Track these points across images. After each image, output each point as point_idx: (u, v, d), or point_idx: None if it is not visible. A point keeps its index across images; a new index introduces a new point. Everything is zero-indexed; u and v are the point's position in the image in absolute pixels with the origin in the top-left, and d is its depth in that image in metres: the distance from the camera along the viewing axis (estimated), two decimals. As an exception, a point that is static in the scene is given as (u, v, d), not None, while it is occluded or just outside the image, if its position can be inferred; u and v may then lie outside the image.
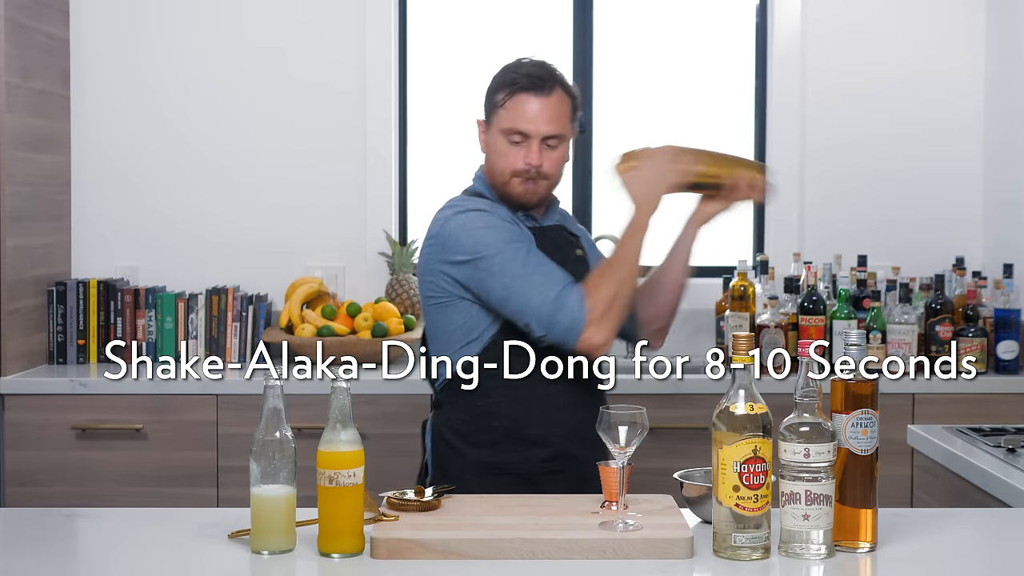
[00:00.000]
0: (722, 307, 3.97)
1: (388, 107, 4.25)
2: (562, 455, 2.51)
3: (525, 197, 2.56)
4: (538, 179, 2.54)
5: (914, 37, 4.29)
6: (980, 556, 2.07)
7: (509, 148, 2.53)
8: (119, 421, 3.65)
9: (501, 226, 2.50)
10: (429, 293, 2.56)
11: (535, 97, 2.52)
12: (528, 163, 2.52)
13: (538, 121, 2.51)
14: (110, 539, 2.06)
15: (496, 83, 2.58)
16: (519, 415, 2.51)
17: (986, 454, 2.62)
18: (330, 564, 1.89)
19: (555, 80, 2.55)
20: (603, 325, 2.39)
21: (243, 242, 4.22)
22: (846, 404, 1.94)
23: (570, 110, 2.57)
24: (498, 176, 2.57)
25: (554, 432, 2.52)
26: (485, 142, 2.61)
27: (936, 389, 3.66)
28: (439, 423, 2.59)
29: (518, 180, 2.54)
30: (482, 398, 2.52)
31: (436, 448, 2.58)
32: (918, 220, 4.28)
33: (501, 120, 2.54)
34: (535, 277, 2.43)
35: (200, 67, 4.23)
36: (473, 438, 2.53)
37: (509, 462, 2.49)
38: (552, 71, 2.56)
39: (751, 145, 4.38)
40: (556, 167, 2.56)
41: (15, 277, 3.76)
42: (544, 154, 2.53)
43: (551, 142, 2.53)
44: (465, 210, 2.53)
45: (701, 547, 1.94)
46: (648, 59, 4.42)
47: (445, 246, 2.51)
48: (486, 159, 2.62)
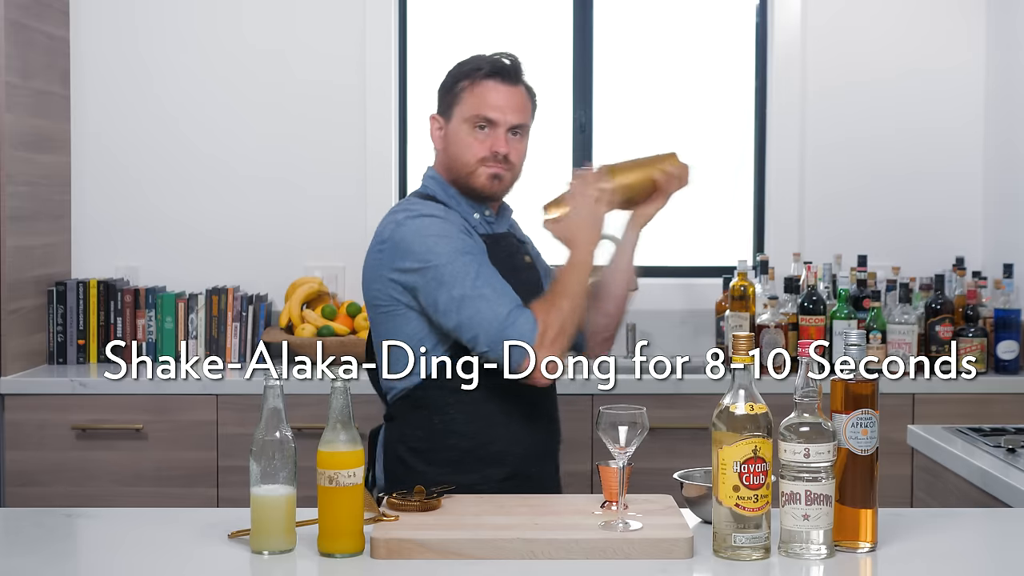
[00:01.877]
0: (722, 307, 3.98)
1: (388, 107, 4.25)
2: (519, 474, 2.45)
3: (489, 189, 2.50)
4: (503, 169, 2.48)
5: (914, 37, 4.29)
6: (980, 556, 2.07)
7: (474, 136, 2.47)
8: (119, 421, 3.65)
9: (455, 235, 2.42)
10: (376, 301, 2.47)
11: (502, 85, 2.47)
12: (495, 150, 2.46)
13: (505, 109, 2.47)
14: (110, 539, 2.05)
15: (456, 74, 2.52)
16: (479, 432, 2.44)
17: (986, 454, 2.62)
18: (330, 564, 1.89)
19: (520, 72, 2.52)
20: (552, 350, 2.32)
21: (243, 242, 4.22)
22: (846, 404, 1.94)
23: (531, 107, 2.54)
24: (461, 167, 2.49)
25: (514, 451, 2.46)
26: (442, 136, 2.53)
27: (936, 389, 3.66)
28: (392, 438, 2.50)
29: (484, 170, 2.47)
30: (439, 414, 2.44)
31: (389, 464, 2.50)
32: (918, 220, 4.28)
33: (465, 108, 2.48)
34: (485, 291, 2.36)
35: (200, 67, 4.23)
36: (430, 456, 2.44)
37: (465, 483, 2.32)
38: (516, 61, 2.52)
39: (751, 145, 4.38)
40: (520, 158, 2.52)
41: (15, 277, 3.76)
42: (510, 143, 2.48)
43: (516, 131, 2.49)
44: (419, 215, 2.44)
45: (701, 547, 1.94)
46: (648, 59, 4.42)
47: (395, 251, 2.42)
48: (444, 153, 2.53)
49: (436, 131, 2.55)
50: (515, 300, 2.37)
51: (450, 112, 2.51)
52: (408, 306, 2.43)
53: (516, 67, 2.51)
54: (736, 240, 4.35)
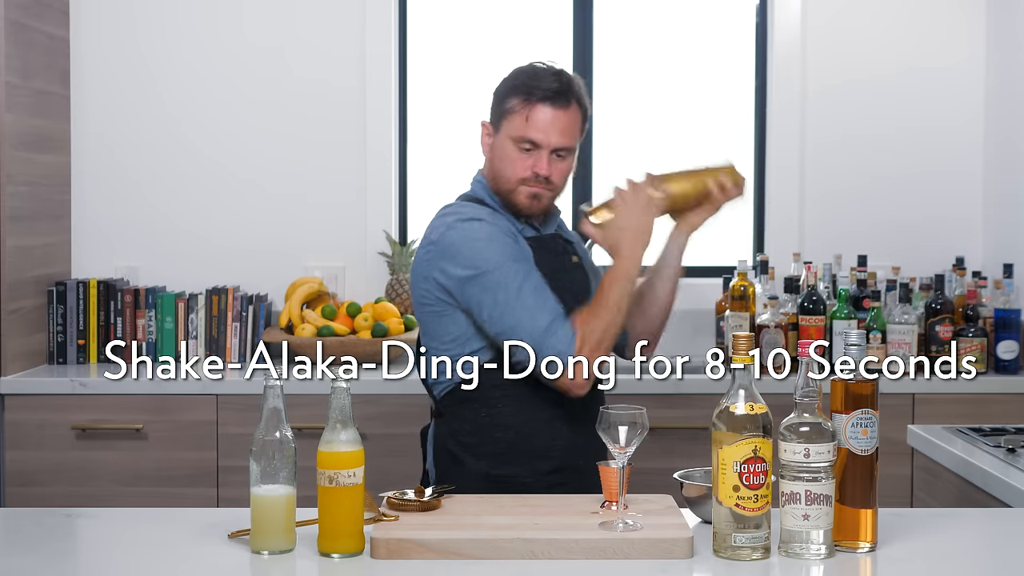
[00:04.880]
0: (722, 307, 3.97)
1: (388, 106, 4.25)
2: (566, 467, 2.48)
3: (529, 207, 2.52)
4: (544, 189, 2.50)
5: (913, 35, 4.29)
6: (980, 556, 2.07)
7: (518, 155, 2.49)
8: (119, 421, 3.65)
9: (502, 240, 2.45)
10: (423, 299, 2.51)
11: (552, 108, 2.47)
12: (536, 171, 2.48)
13: (551, 132, 2.47)
14: (110, 539, 2.06)
15: (509, 88, 2.52)
16: (524, 426, 2.48)
17: (986, 454, 2.62)
18: (330, 564, 1.89)
19: (573, 94, 2.51)
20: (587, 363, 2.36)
21: (243, 242, 4.22)
22: (846, 404, 1.94)
23: (581, 123, 2.54)
24: (503, 183, 2.52)
25: (558, 444, 2.49)
26: (490, 146, 2.56)
27: (936, 389, 3.66)
28: (442, 433, 2.55)
29: (524, 188, 2.50)
30: (486, 408, 2.48)
31: (439, 459, 2.54)
32: (918, 220, 4.28)
33: (512, 127, 2.49)
34: (528, 301, 2.38)
35: (200, 67, 4.23)
36: (478, 449, 2.49)
37: (512, 475, 2.44)
38: (571, 84, 2.51)
39: (751, 145, 4.38)
40: (563, 178, 2.53)
41: (15, 277, 3.76)
42: (552, 164, 2.49)
43: (561, 153, 2.50)
44: (468, 219, 2.48)
45: (701, 547, 1.94)
46: (648, 59, 4.42)
47: (443, 254, 2.46)
48: (490, 163, 2.56)
49: (485, 138, 2.58)
50: (556, 311, 2.40)
51: (499, 124, 2.53)
52: (453, 306, 2.46)
53: (569, 89, 2.50)
54: (736, 240, 4.35)
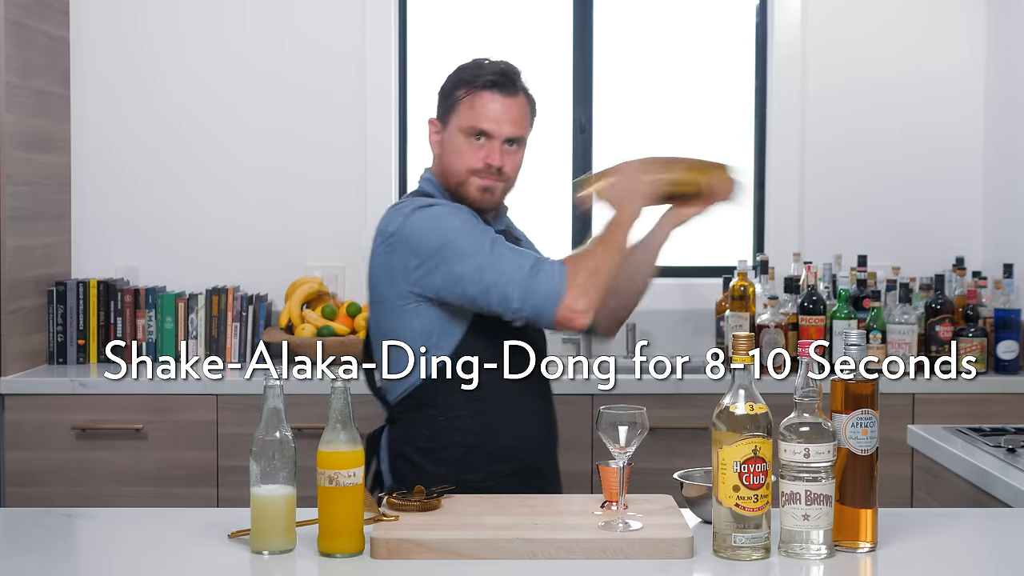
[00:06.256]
0: (722, 307, 3.97)
1: (388, 107, 4.25)
2: (527, 468, 2.46)
3: (481, 200, 2.49)
4: (496, 181, 2.48)
5: (914, 36, 4.29)
6: (980, 556, 2.07)
7: (468, 147, 2.46)
8: (119, 421, 3.65)
9: (464, 215, 2.43)
10: (383, 297, 2.46)
11: (500, 96, 2.46)
12: (489, 162, 2.45)
13: (502, 121, 2.46)
14: (110, 539, 2.06)
15: (455, 80, 2.51)
16: (483, 428, 2.44)
17: (986, 454, 2.62)
18: (330, 564, 1.89)
19: (519, 82, 2.50)
20: (584, 291, 2.32)
21: (243, 242, 4.22)
22: (846, 404, 1.94)
23: (530, 115, 2.52)
24: (454, 176, 2.49)
25: (520, 445, 2.47)
26: (439, 142, 2.53)
27: (936, 389, 3.66)
28: (398, 440, 2.50)
29: (476, 180, 2.47)
30: (444, 412, 2.44)
31: (395, 466, 2.49)
32: (918, 220, 4.28)
33: (462, 118, 2.47)
34: (504, 252, 2.37)
35: (200, 67, 4.23)
36: (437, 455, 2.44)
37: (472, 480, 2.36)
38: (518, 73, 2.51)
39: (751, 145, 4.38)
40: (515, 170, 2.51)
41: (15, 277, 3.76)
42: (504, 155, 2.47)
43: (512, 143, 2.48)
44: (426, 205, 2.45)
45: (701, 547, 1.94)
46: (648, 59, 4.42)
47: (407, 242, 2.41)
48: (439, 159, 2.53)
49: (434, 135, 2.55)
50: (537, 255, 2.41)
51: (447, 119, 2.51)
52: (420, 299, 2.42)
53: (515, 77, 2.50)
54: (736, 240, 4.35)
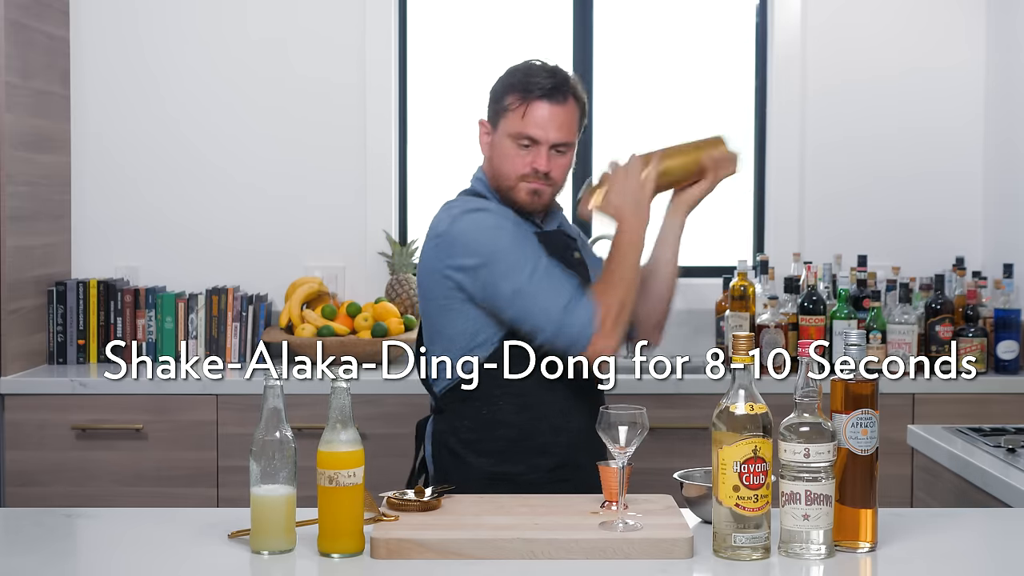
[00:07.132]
0: (722, 307, 3.97)
1: (388, 107, 4.25)
2: (567, 464, 2.49)
3: (529, 204, 2.53)
4: (544, 185, 2.51)
5: (914, 35, 4.29)
6: (980, 556, 2.07)
7: (517, 152, 2.50)
8: (119, 421, 3.65)
9: (510, 228, 2.47)
10: (431, 295, 2.51)
11: (549, 104, 2.48)
12: (536, 167, 2.49)
13: (549, 128, 2.48)
14: (110, 539, 2.06)
15: (506, 86, 2.53)
16: (525, 423, 2.48)
17: (986, 454, 2.62)
18: (330, 564, 1.89)
19: (569, 89, 2.52)
20: (613, 335, 2.39)
21: (243, 242, 4.22)
22: (846, 404, 1.94)
23: (579, 118, 2.55)
24: (503, 180, 2.53)
25: (560, 440, 2.49)
26: (489, 144, 2.57)
27: (936, 389, 3.66)
28: (442, 430, 2.55)
29: (524, 185, 2.51)
30: (487, 405, 2.48)
31: (439, 456, 2.55)
32: (918, 220, 4.28)
33: (510, 124, 2.50)
34: (543, 283, 2.40)
35: (200, 67, 4.23)
36: (478, 447, 2.49)
37: (513, 472, 2.45)
38: (567, 79, 2.53)
39: (751, 144, 4.38)
40: (562, 174, 2.54)
41: (15, 277, 3.76)
42: (551, 160, 2.50)
43: (560, 148, 2.51)
44: (474, 209, 2.49)
45: (701, 547, 1.94)
46: (648, 58, 4.42)
47: (452, 246, 2.46)
48: (489, 161, 2.57)
49: (484, 136, 2.59)
50: (573, 287, 2.42)
51: (496, 122, 2.54)
52: (463, 300, 2.46)
53: (566, 86, 2.52)
54: (736, 240, 4.35)
